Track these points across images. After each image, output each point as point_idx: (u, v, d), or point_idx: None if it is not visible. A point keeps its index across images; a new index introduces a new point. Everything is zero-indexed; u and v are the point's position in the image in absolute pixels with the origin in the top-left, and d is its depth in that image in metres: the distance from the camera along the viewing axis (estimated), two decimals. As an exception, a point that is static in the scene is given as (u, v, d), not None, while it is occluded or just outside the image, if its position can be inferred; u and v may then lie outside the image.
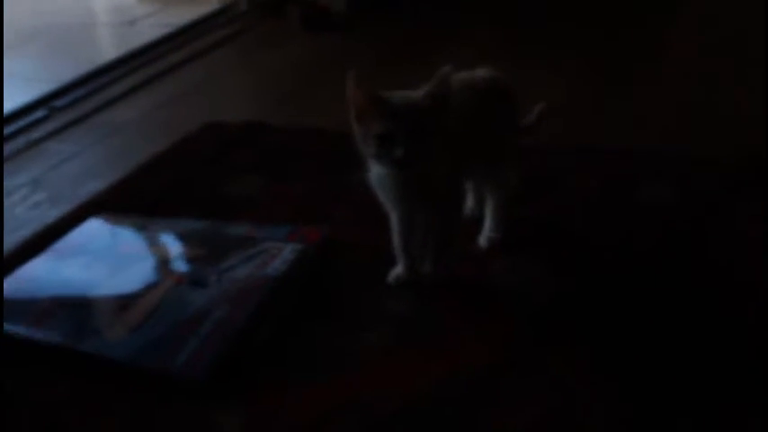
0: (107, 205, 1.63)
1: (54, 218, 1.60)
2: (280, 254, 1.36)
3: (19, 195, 1.75)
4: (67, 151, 1.99)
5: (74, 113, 2.23)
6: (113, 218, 1.55)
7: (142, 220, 1.54)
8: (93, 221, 1.54)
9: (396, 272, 1.34)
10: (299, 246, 1.38)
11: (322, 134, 1.90)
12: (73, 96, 2.34)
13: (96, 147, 2.03)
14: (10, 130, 2.11)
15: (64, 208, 1.65)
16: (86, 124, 2.17)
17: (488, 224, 1.44)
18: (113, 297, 1.30)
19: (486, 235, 1.43)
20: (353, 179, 1.25)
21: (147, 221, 1.53)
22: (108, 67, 2.57)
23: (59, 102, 2.30)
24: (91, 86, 2.43)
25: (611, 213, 1.53)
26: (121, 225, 1.53)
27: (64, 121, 2.17)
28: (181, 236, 1.47)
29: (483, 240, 1.43)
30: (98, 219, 1.55)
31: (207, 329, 1.19)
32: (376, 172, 1.24)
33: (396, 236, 1.32)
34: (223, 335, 1.18)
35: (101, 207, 1.62)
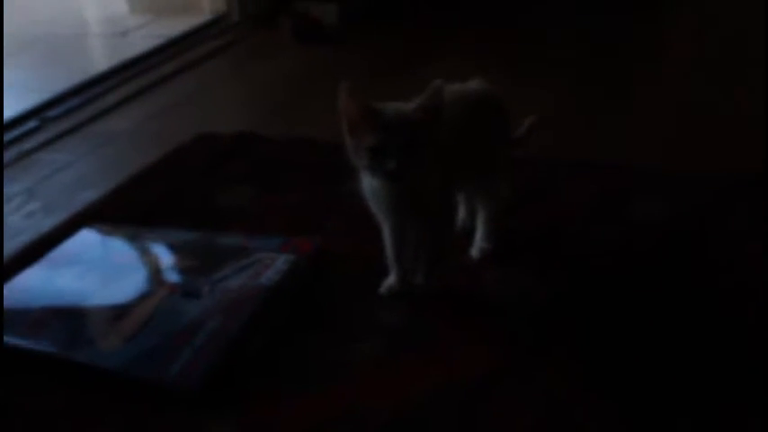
0: (100, 215, 1.63)
1: (48, 227, 1.61)
2: (273, 264, 1.36)
3: (13, 204, 1.76)
4: (61, 161, 1.99)
5: (67, 124, 2.23)
6: (106, 228, 1.56)
7: (135, 231, 1.54)
8: (86, 232, 1.54)
9: (388, 282, 1.35)
10: (292, 256, 1.39)
11: (314, 145, 1.91)
12: (66, 107, 2.34)
13: (89, 157, 2.03)
14: (4, 140, 2.10)
15: (58, 217, 1.65)
16: (79, 134, 2.17)
17: (480, 235, 1.45)
18: (107, 307, 1.30)
19: (477, 246, 1.45)
20: (345, 190, 1.26)
21: (140, 232, 1.53)
22: (101, 78, 2.57)
23: (52, 112, 2.30)
24: (84, 97, 2.43)
25: (603, 225, 1.54)
26: (114, 235, 1.53)
27: (57, 132, 2.17)
28: (174, 246, 1.47)
29: (475, 251, 1.44)
30: (91, 229, 1.55)
31: (200, 340, 1.19)
32: (368, 183, 1.24)
33: (388, 247, 1.33)
34: (217, 345, 1.19)
35: (94, 217, 1.62)
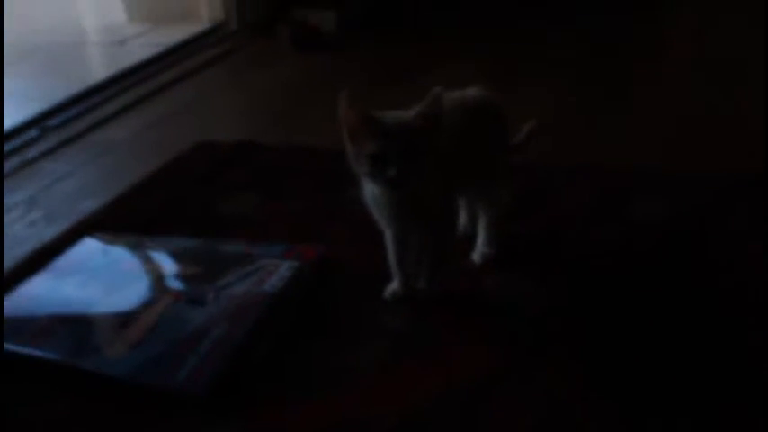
0: (102, 224, 1.64)
1: (50, 236, 1.61)
2: (276, 271, 1.37)
3: (16, 214, 1.76)
4: (61, 170, 1.99)
5: (67, 133, 2.24)
6: (108, 237, 1.56)
7: (137, 239, 1.55)
8: (88, 241, 1.55)
9: (391, 288, 1.36)
10: (296, 263, 1.39)
11: (315, 153, 1.92)
12: (66, 116, 2.35)
13: (89, 166, 2.04)
14: (5, 150, 2.11)
15: (60, 227, 1.66)
16: (79, 144, 2.18)
17: (481, 240, 1.46)
18: (112, 315, 1.31)
19: (479, 251, 1.46)
20: (347, 196, 1.27)
21: (143, 240, 1.54)
22: (100, 87, 2.58)
23: (53, 121, 2.30)
24: (83, 106, 2.43)
25: (603, 226, 1.56)
26: (117, 244, 1.54)
27: (57, 141, 2.18)
28: (177, 254, 1.48)
29: (476, 256, 1.45)
30: (93, 238, 1.56)
31: (206, 347, 1.20)
32: (370, 190, 1.25)
33: (390, 252, 1.34)
34: (222, 352, 1.19)
35: (96, 226, 1.63)
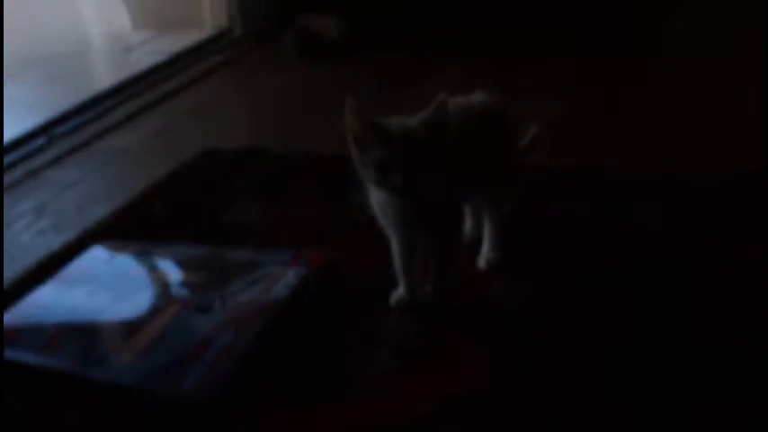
0: (110, 232, 1.65)
1: (59, 245, 1.62)
2: (283, 278, 1.38)
3: (23, 223, 1.77)
4: (68, 178, 2.01)
5: (74, 141, 2.25)
6: (116, 245, 1.57)
7: (144, 247, 1.55)
8: (95, 249, 1.56)
9: (397, 294, 1.36)
10: (302, 270, 1.40)
11: (321, 159, 1.93)
12: (72, 124, 2.36)
13: (96, 174, 2.05)
14: (12, 158, 2.12)
15: (68, 235, 1.67)
16: (86, 151, 2.19)
17: (487, 245, 1.46)
18: (120, 323, 1.32)
19: (484, 256, 1.46)
20: (353, 202, 1.28)
21: (150, 248, 1.55)
22: (106, 95, 2.59)
23: (60, 129, 2.31)
24: (89, 114, 2.44)
25: (608, 233, 1.56)
26: (124, 252, 1.54)
27: (64, 149, 2.19)
28: (183, 262, 1.49)
29: (482, 262, 1.46)
30: (101, 246, 1.56)
31: (213, 354, 1.21)
32: (376, 197, 1.26)
33: (397, 259, 1.34)
34: (229, 359, 1.20)
35: (104, 234, 1.63)
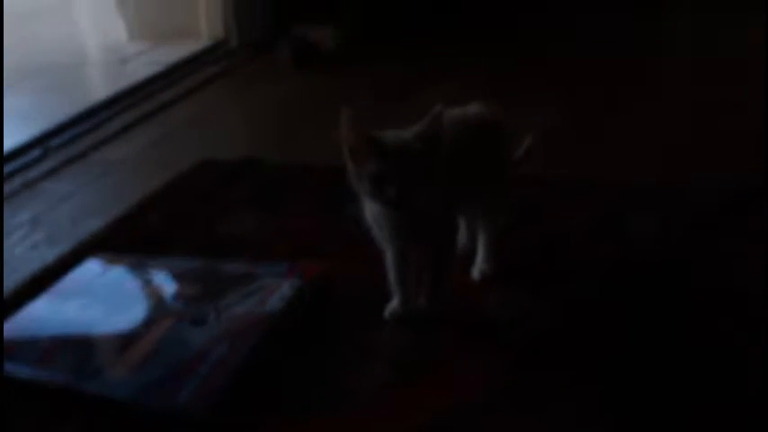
0: (105, 244, 1.65)
1: (53, 257, 1.62)
2: (278, 290, 1.38)
3: (18, 235, 1.77)
4: (64, 190, 2.00)
5: (70, 152, 2.24)
6: (111, 257, 1.57)
7: (139, 260, 1.55)
8: (90, 262, 1.55)
9: (391, 306, 1.36)
10: (297, 282, 1.40)
11: (317, 170, 1.93)
12: (68, 135, 2.36)
13: (92, 186, 2.05)
14: (8, 170, 2.12)
15: (62, 247, 1.66)
16: (82, 163, 2.19)
17: (481, 257, 1.47)
18: (114, 336, 1.32)
19: (478, 268, 1.46)
20: (348, 214, 1.28)
21: (145, 260, 1.55)
22: (102, 106, 2.59)
23: (55, 141, 2.31)
24: (85, 125, 2.44)
25: (603, 244, 1.56)
26: (119, 264, 1.54)
27: (60, 160, 2.19)
28: (179, 274, 1.49)
29: (476, 273, 1.46)
30: (95, 259, 1.56)
31: (208, 367, 1.20)
32: (370, 209, 1.26)
33: (391, 271, 1.34)
34: (223, 372, 1.20)
35: (99, 246, 1.63)
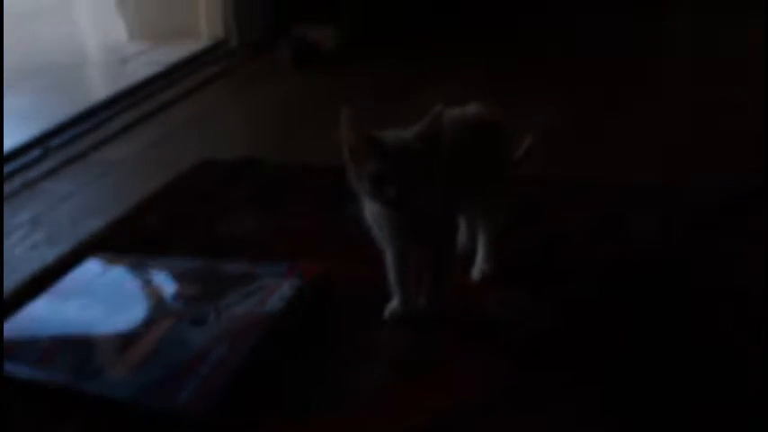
0: (105, 244, 1.65)
1: (53, 257, 1.62)
2: (278, 290, 1.38)
3: (18, 235, 1.77)
4: (64, 190, 2.00)
5: (69, 152, 2.24)
6: (110, 257, 1.57)
7: (139, 259, 1.55)
8: (90, 262, 1.55)
9: (391, 307, 1.36)
10: (297, 282, 1.40)
11: (317, 170, 1.93)
12: (68, 135, 2.36)
13: (92, 186, 2.05)
14: (8, 170, 2.12)
15: (62, 247, 1.66)
16: (82, 163, 2.19)
17: (481, 257, 1.47)
18: (114, 336, 1.32)
19: (478, 268, 1.46)
20: (347, 213, 1.28)
21: (145, 260, 1.55)
22: (102, 106, 2.59)
23: (55, 141, 2.31)
24: (86, 125, 2.44)
25: (603, 244, 1.56)
26: (119, 264, 1.54)
27: (60, 160, 2.19)
28: (179, 274, 1.49)
29: (476, 273, 1.46)
30: (95, 259, 1.56)
31: (208, 367, 1.20)
32: (370, 209, 1.26)
33: (391, 271, 1.34)
34: (223, 372, 1.20)
35: (98, 246, 1.63)
